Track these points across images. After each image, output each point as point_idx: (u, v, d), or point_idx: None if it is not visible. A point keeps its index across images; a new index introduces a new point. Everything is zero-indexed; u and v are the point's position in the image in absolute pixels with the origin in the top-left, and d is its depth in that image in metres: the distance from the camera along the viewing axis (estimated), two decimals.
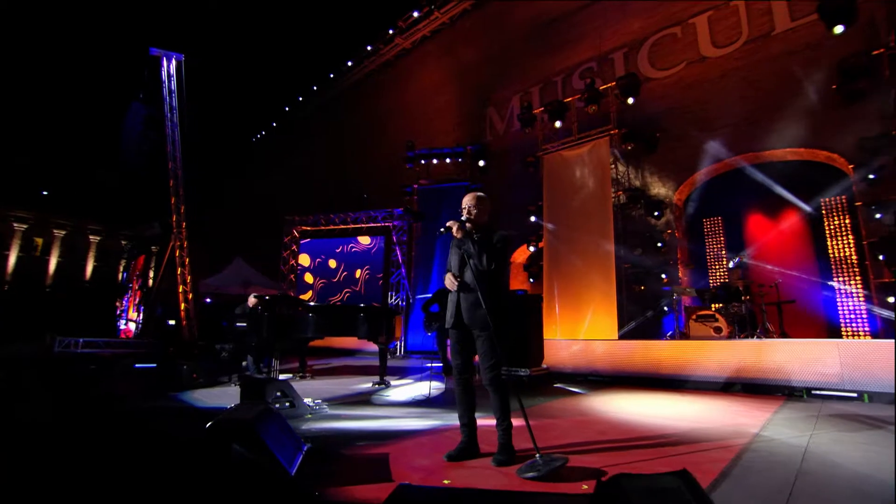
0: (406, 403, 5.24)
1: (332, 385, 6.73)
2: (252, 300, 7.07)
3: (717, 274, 11.41)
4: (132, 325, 15.99)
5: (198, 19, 26.52)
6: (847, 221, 9.93)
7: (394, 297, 12.85)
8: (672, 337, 7.54)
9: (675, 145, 10.45)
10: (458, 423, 3.34)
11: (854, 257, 9.78)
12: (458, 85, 15.08)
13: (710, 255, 11.63)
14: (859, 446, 3.26)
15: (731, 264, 8.20)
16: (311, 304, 7.24)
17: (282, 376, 7.18)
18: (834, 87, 8.50)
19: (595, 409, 4.85)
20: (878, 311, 7.45)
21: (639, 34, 11.49)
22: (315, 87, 20.65)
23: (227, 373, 6.91)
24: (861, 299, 8.76)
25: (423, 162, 13.11)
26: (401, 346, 12.10)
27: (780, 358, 5.47)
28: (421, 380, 7.54)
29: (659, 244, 10.11)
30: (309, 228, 14.98)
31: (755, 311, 6.90)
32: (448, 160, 13.04)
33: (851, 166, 8.48)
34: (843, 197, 9.90)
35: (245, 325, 6.27)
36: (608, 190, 9.99)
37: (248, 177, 26.89)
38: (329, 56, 20.15)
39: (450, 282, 3.25)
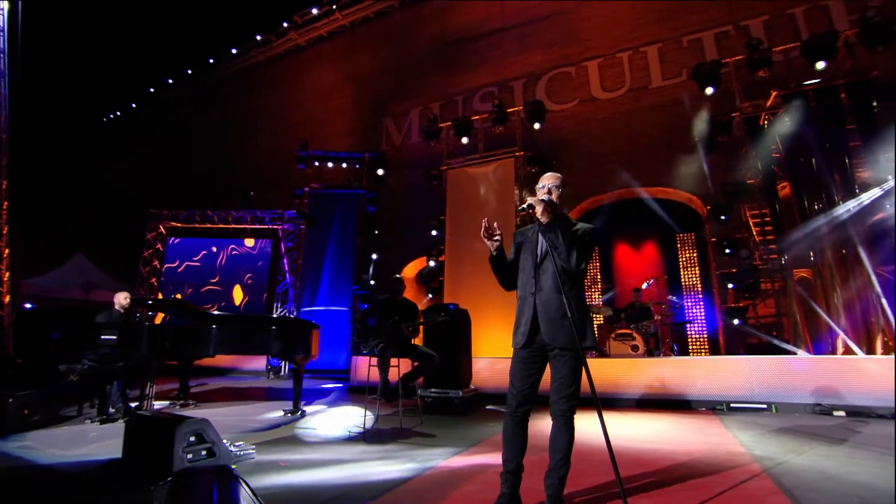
0: (347, 440, 4.19)
1: (229, 416, 5.27)
2: (122, 301, 5.26)
3: (594, 296, 12.17)
4: None
5: None
6: (695, 255, 11.35)
7: (279, 309, 11.15)
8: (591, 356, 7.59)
9: (566, 174, 10.59)
10: (437, 462, 2.85)
11: (699, 286, 11.18)
12: (354, 91, 14.08)
13: (587, 279, 12.40)
14: (857, 462, 3.26)
15: (644, 285, 8.61)
16: (216, 313, 5.65)
17: (156, 404, 5.49)
18: (696, 140, 9.62)
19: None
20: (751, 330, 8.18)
21: (538, 68, 11.91)
22: (189, 71, 17.58)
23: (74, 403, 4.98)
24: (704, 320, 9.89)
25: (316, 164, 11.77)
26: (285, 365, 10.48)
27: (701, 374, 5.70)
28: (333, 404, 6.41)
29: None
30: (180, 225, 12.24)
31: (661, 330, 7.26)
32: (344, 165, 11.91)
33: (708, 208, 9.57)
34: (692, 234, 11.33)
35: (114, 337, 4.52)
36: (511, 209, 9.94)
37: (103, 160, 21.36)
38: (210, 40, 17.24)
39: (483, 231, 2.53)
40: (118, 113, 20.42)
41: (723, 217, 8.96)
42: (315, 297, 10.93)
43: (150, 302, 5.33)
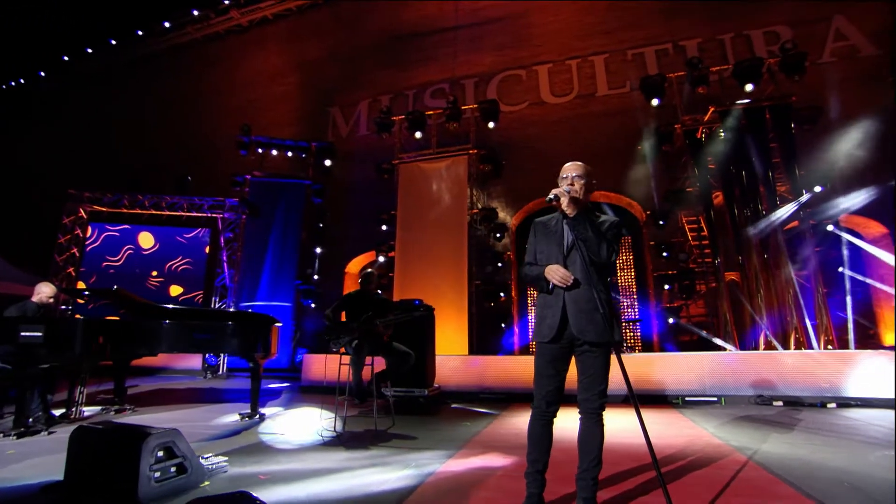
0: (323, 445, 3.84)
1: (178, 422, 4.65)
2: (47, 292, 4.44)
3: (535, 296, 12.39)
4: None
5: None
6: (631, 257, 11.93)
7: (217, 304, 10.21)
8: None
9: (515, 175, 10.95)
10: (434, 468, 2.73)
11: (634, 287, 11.77)
12: (300, 78, 13.28)
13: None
14: (818, 447, 3.43)
15: None
16: (170, 306, 4.94)
17: (86, 410, 4.76)
18: (638, 147, 10.10)
19: (557, 435, 4.37)
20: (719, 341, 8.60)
21: (489, 68, 11.92)
22: (113, 42, 15.57)
23: None
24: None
25: (259, 151, 10.94)
26: (223, 364, 9.62)
27: (658, 370, 5.93)
28: (288, 405, 5.95)
29: (499, 264, 10.43)
30: (105, 210, 10.72)
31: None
32: (290, 153, 11.19)
33: (647, 213, 10.06)
34: (629, 238, 11.88)
35: (39, 334, 3.76)
36: (464, 207, 9.85)
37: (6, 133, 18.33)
38: (138, 11, 15.24)
39: (561, 277, 2.26)
40: (21, 81, 17.67)
41: (661, 222, 9.46)
42: (255, 292, 10.17)
43: (87, 293, 4.57)
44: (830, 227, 7.88)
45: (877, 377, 5.46)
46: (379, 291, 5.02)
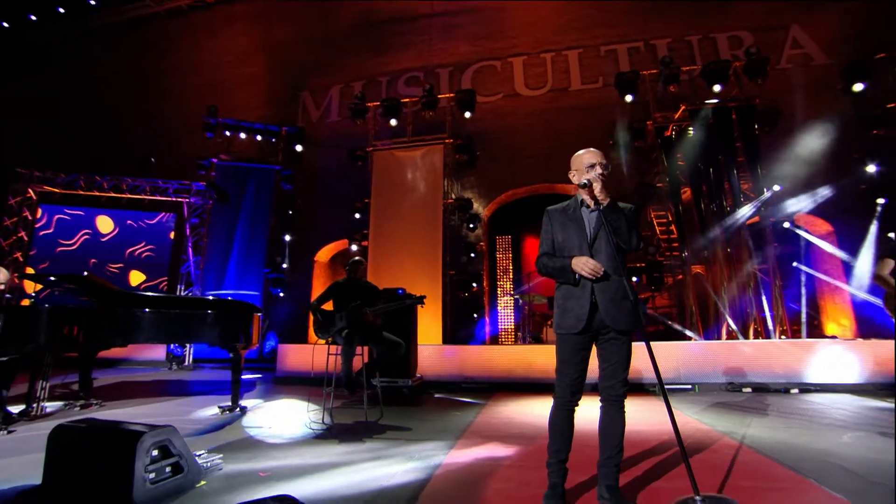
0: (316, 438, 3.69)
1: (152, 417, 4.36)
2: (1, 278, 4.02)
3: (507, 286, 12.48)
4: None
5: None
6: None
7: (183, 292, 9.63)
8: (527, 342, 7.70)
9: (488, 165, 10.90)
10: (439, 460, 2.69)
11: None
12: (269, 60, 12.64)
13: (499, 269, 12.68)
14: (796, 431, 3.56)
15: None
16: (150, 294, 4.56)
17: (48, 406, 4.38)
18: (611, 142, 10.27)
19: (540, 422, 4.39)
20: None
21: (464, 57, 11.77)
22: (62, 10, 14.19)
23: None
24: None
25: (227, 133, 10.36)
26: (189, 354, 9.11)
27: (636, 359, 6.04)
28: (266, 397, 5.71)
29: (472, 255, 10.42)
30: (58, 191, 9.77)
31: None
32: (259, 137, 10.67)
33: None
34: None
35: None
36: (439, 196, 9.73)
37: None
38: None
39: (591, 269, 2.19)
40: None
41: None
42: (222, 280, 9.69)
43: (52, 278, 4.14)
44: (787, 225, 8.30)
45: (833, 364, 5.81)
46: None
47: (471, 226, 10.40)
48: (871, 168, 8.55)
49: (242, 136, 10.59)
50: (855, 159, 8.74)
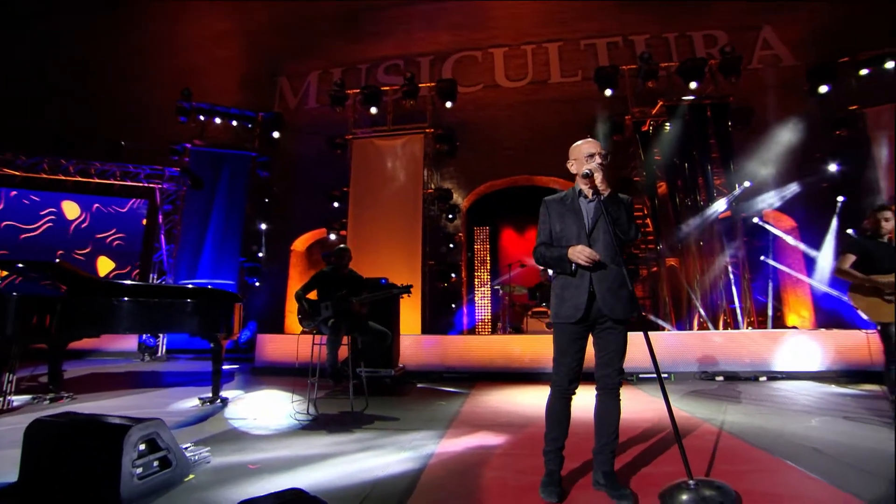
0: (302, 429, 3.62)
1: (128, 410, 4.20)
2: None
3: (484, 277, 12.53)
4: None
5: None
6: None
7: (155, 281, 9.25)
8: (508, 332, 7.75)
9: (468, 156, 10.84)
10: (431, 449, 2.69)
11: None
12: (245, 44, 12.16)
13: (477, 260, 12.71)
14: (769, 417, 3.71)
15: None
16: (128, 283, 4.35)
17: (15, 400, 4.17)
18: (588, 136, 10.35)
19: (526, 411, 4.43)
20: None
21: (445, 47, 11.65)
22: None
23: None
24: None
25: (201, 118, 9.97)
26: (162, 345, 8.80)
27: None
28: (246, 388, 5.59)
29: (451, 245, 10.41)
30: (19, 174, 9.13)
31: None
32: (234, 122, 10.31)
33: None
34: None
35: None
36: (419, 186, 9.65)
37: None
38: None
39: (587, 257, 2.20)
40: None
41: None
42: (196, 269, 9.38)
43: (20, 266, 3.90)
44: (756, 220, 8.59)
45: (798, 353, 6.08)
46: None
47: (450, 216, 10.38)
48: (832, 167, 8.91)
49: (217, 121, 10.21)
50: (818, 158, 9.10)
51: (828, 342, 6.10)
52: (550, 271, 7.68)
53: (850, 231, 8.73)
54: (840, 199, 8.83)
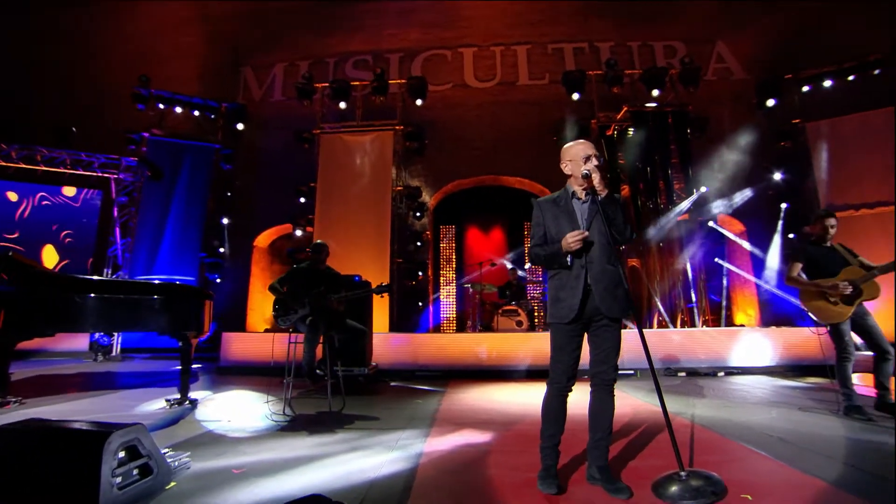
0: (281, 431, 3.48)
1: (92, 413, 3.92)
2: None
3: (449, 276, 12.52)
4: None
5: None
6: None
7: (110, 276, 8.65)
8: (478, 330, 7.77)
9: (436, 154, 10.79)
10: (419, 448, 2.68)
11: (540, 270, 12.39)
12: (208, 30, 11.55)
13: (443, 259, 12.69)
14: (733, 409, 3.89)
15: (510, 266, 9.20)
16: (89, 277, 4.00)
17: None
18: (554, 138, 10.58)
19: (504, 408, 4.46)
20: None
21: (415, 44, 11.56)
22: None
23: None
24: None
25: (160, 106, 9.41)
26: (116, 344, 8.25)
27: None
28: (214, 389, 5.35)
29: (419, 243, 10.36)
30: None
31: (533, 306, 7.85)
32: (196, 112, 9.81)
33: None
34: None
35: None
36: (388, 183, 9.54)
37: None
38: None
39: (579, 238, 2.24)
40: None
41: None
42: (153, 264, 8.87)
43: None
44: (711, 223, 9.03)
45: (751, 349, 6.44)
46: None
47: (417, 214, 10.33)
48: (777, 176, 9.50)
49: (178, 110, 9.69)
50: (765, 167, 9.67)
51: (777, 339, 6.50)
52: (520, 271, 7.76)
53: (791, 236, 9.36)
54: (784, 205, 9.43)
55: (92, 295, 3.73)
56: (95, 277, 4.21)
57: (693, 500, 2.08)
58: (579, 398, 2.41)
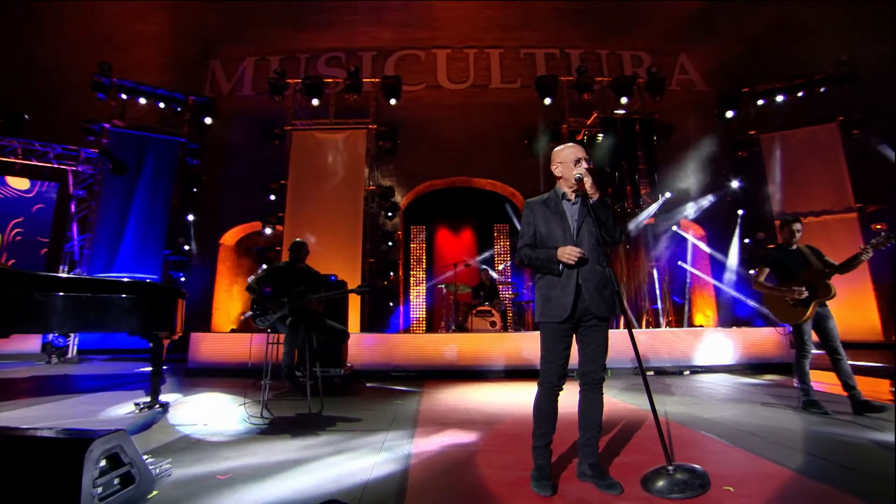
0: (261, 434, 3.37)
1: (54, 418, 3.67)
2: None
3: (419, 276, 12.48)
4: None
5: None
6: (508, 244, 12.63)
7: (67, 273, 8.13)
8: (452, 331, 7.75)
9: (407, 155, 10.74)
10: (406, 449, 2.67)
11: (509, 271, 12.52)
12: (174, 19, 11.06)
13: (413, 259, 12.63)
14: (703, 406, 4.04)
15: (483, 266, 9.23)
16: (52, 274, 3.69)
17: None
18: (525, 142, 10.74)
19: (485, 408, 4.46)
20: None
21: (389, 44, 11.48)
22: None
23: None
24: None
25: (123, 96, 8.94)
26: (72, 345, 7.74)
27: None
28: (185, 391, 5.12)
29: (391, 243, 10.30)
30: None
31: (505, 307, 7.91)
32: (161, 104, 9.38)
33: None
34: (507, 225, 12.50)
35: None
36: (361, 182, 9.42)
37: None
38: None
39: (577, 255, 2.26)
40: None
41: None
42: (114, 261, 8.42)
43: None
44: (675, 228, 9.38)
45: (713, 349, 6.72)
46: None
47: (389, 214, 10.25)
48: (735, 183, 9.97)
49: (142, 101, 9.24)
50: (723, 175, 10.14)
51: (737, 339, 6.81)
52: (492, 272, 7.78)
53: (747, 241, 9.85)
54: (741, 212, 9.91)
55: (58, 293, 3.49)
56: (53, 274, 3.93)
57: (681, 493, 2.14)
58: (563, 398, 2.43)
